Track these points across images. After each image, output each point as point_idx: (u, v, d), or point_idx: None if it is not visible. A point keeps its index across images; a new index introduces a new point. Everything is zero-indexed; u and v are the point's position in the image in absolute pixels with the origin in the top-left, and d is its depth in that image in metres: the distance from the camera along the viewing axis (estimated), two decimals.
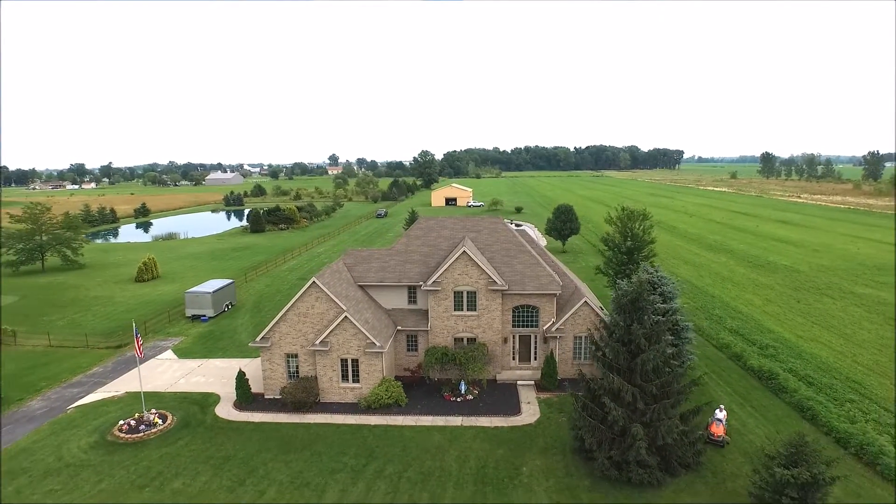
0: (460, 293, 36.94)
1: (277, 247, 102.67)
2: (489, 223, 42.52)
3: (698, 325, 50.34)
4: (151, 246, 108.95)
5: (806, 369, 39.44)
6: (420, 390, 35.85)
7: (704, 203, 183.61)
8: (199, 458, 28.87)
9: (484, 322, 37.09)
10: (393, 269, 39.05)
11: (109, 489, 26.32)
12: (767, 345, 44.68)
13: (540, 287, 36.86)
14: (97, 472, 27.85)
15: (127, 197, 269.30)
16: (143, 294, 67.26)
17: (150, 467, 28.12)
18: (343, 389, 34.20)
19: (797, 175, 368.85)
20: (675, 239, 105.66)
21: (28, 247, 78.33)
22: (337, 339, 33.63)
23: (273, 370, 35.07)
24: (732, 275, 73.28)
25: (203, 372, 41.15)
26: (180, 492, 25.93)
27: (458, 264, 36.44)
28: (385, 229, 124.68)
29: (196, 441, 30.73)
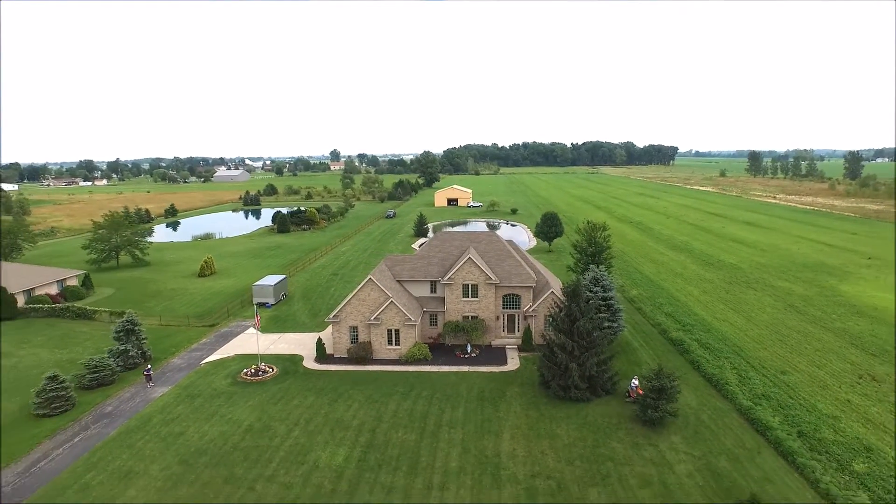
0: (467, 285, 53.74)
1: (304, 246, 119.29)
2: (486, 236, 59.26)
3: (643, 309, 67.39)
4: (194, 245, 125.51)
5: (708, 339, 56.39)
6: (440, 351, 52.80)
7: (685, 204, 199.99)
8: (303, 389, 45.77)
9: (483, 305, 53.93)
10: (419, 269, 55.89)
11: (255, 404, 43.18)
12: (688, 323, 61.63)
13: (521, 281, 53.70)
14: (243, 396, 44.76)
15: (146, 195, 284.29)
16: (209, 287, 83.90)
17: (274, 394, 45.01)
18: (388, 349, 51.08)
19: (783, 173, 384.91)
20: (648, 239, 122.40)
21: (107, 247, 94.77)
22: (385, 315, 50.45)
23: (340, 337, 51.91)
24: (685, 271, 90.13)
25: (283, 342, 57.94)
26: (299, 405, 42.79)
27: (466, 266, 53.20)
28: (396, 230, 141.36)
29: (297, 381, 47.62)
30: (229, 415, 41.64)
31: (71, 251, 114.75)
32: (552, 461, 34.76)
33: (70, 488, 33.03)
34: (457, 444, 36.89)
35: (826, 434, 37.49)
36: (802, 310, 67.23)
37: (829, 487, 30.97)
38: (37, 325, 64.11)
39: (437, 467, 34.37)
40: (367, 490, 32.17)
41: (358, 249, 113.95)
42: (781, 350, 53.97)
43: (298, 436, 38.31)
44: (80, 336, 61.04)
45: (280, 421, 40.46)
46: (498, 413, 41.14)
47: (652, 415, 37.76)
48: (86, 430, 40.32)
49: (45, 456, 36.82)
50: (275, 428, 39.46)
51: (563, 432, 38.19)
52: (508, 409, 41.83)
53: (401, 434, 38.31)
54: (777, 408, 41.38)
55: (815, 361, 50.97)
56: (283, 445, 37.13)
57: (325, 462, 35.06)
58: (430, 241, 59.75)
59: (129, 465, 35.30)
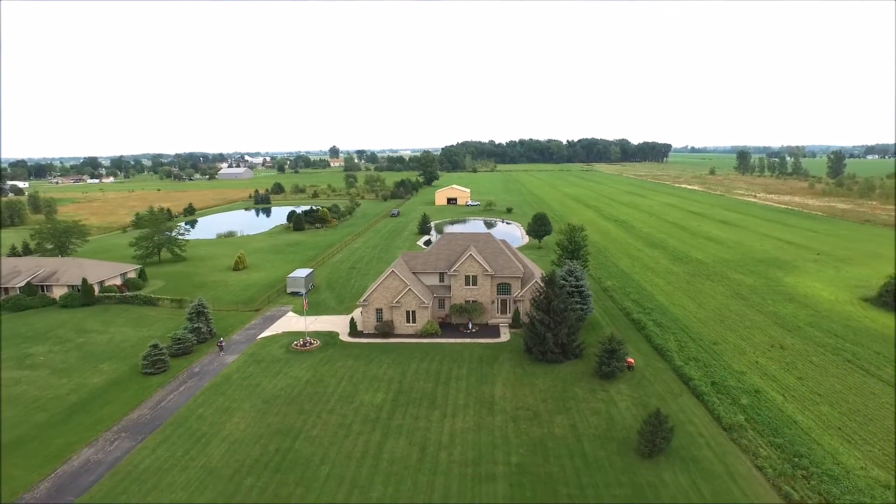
0: (468, 276, 67.38)
1: (320, 243, 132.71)
2: (484, 236, 72.95)
3: (614, 296, 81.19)
4: (220, 242, 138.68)
5: (661, 320, 70.21)
6: (447, 328, 66.52)
7: (670, 202, 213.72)
8: (343, 355, 59.43)
9: (481, 292, 67.60)
10: (430, 263, 69.55)
11: (308, 366, 56.79)
12: (648, 307, 75.46)
13: (511, 273, 67.40)
14: (297, 360, 58.38)
15: (158, 194, 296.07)
16: (244, 279, 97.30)
17: (321, 359, 58.66)
18: (407, 326, 64.76)
19: (769, 172, 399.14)
20: (629, 237, 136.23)
21: (151, 245, 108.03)
22: (404, 300, 64.10)
23: (368, 317, 65.56)
24: (656, 265, 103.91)
25: (319, 322, 71.46)
26: (342, 366, 56.43)
27: (468, 261, 66.82)
28: (401, 228, 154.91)
29: (337, 350, 61.29)
30: (290, 373, 55.33)
31: (110, 248, 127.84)
32: (531, 400, 48.57)
33: (189, 417, 46.67)
34: (462, 390, 50.69)
35: (731, 383, 51.41)
36: (746, 297, 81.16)
37: (718, 412, 44.93)
38: (114, 310, 77.59)
39: (448, 404, 48.14)
40: (401, 417, 45.92)
41: (369, 246, 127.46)
42: (719, 328, 67.88)
43: (345, 386, 52.04)
44: (151, 318, 74.55)
45: (330, 376, 54.18)
46: (492, 370, 54.94)
47: (605, 369, 51.58)
48: (184, 383, 53.92)
49: (164, 399, 50.47)
50: (327, 381, 53.19)
51: (539, 382, 52.02)
52: (500, 367, 55.63)
53: (421, 384, 52.08)
54: (701, 366, 55.26)
55: (742, 336, 64.90)
56: (336, 392, 50.84)
57: (368, 401, 48.80)
58: (438, 240, 73.41)
59: (227, 404, 48.96)
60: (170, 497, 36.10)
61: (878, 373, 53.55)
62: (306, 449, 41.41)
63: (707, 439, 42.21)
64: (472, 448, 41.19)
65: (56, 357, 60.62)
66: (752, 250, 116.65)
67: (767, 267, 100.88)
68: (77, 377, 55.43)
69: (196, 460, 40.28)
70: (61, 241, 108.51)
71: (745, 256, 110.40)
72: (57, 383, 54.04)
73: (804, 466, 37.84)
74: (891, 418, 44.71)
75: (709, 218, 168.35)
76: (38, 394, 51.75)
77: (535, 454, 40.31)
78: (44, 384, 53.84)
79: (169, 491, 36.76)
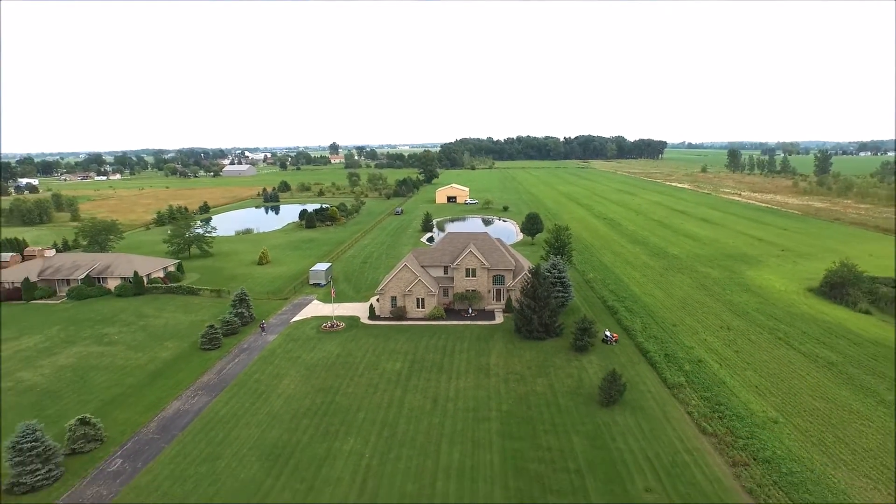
0: (468, 269, 79.77)
1: (332, 240, 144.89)
2: (482, 236, 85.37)
3: (594, 287, 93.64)
4: (240, 239, 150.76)
5: (633, 306, 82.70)
6: (451, 312, 79.00)
7: (658, 201, 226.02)
8: (365, 335, 71.88)
9: (479, 282, 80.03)
10: (436, 258, 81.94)
11: (337, 343, 69.22)
12: (623, 296, 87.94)
13: (504, 267, 79.84)
14: (327, 339, 70.80)
15: (167, 191, 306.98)
16: (269, 272, 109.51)
17: (347, 338, 71.11)
18: (417, 311, 77.21)
19: (759, 170, 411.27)
20: (615, 234, 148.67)
21: (183, 241, 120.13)
22: (415, 289, 76.52)
23: (384, 303, 77.98)
24: (635, 260, 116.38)
25: (341, 309, 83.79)
26: (365, 342, 68.83)
27: (468, 256, 79.19)
28: (405, 225, 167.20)
29: (360, 330, 73.73)
30: (323, 348, 67.78)
31: (138, 244, 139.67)
32: (518, 367, 61.12)
33: (248, 381, 59.09)
34: (464, 360, 63.20)
35: (680, 354, 63.98)
36: (708, 287, 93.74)
37: (665, 375, 57.58)
38: (162, 299, 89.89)
39: (453, 370, 60.65)
40: (416, 380, 58.39)
41: (377, 243, 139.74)
42: (680, 313, 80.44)
43: (370, 357, 64.52)
44: (196, 305, 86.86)
45: (356, 350, 66.65)
46: (488, 345, 67.48)
47: (579, 343, 64.12)
48: (237, 357, 66.28)
49: (223, 368, 62.87)
50: (354, 354, 65.66)
51: (526, 354, 64.56)
52: (494, 343, 68.16)
53: (431, 356, 64.58)
54: (659, 342, 67.78)
55: (698, 319, 77.49)
56: (363, 362, 63.32)
57: (389, 368, 61.30)
58: (442, 238, 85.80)
59: (276, 371, 61.41)
60: (246, 433, 48.51)
61: (800, 347, 66.19)
62: (345, 401, 53.92)
63: (653, 395, 54.80)
64: (472, 400, 53.74)
65: (127, 336, 73.01)
66: (725, 247, 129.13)
67: (734, 262, 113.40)
68: (149, 351, 67.82)
69: (261, 409, 52.75)
70: (101, 238, 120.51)
71: (716, 252, 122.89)
72: (134, 356, 66.43)
73: (721, 411, 50.49)
74: (797, 379, 57.37)
75: (691, 216, 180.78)
76: (122, 364, 64.13)
77: (519, 404, 52.86)
78: (124, 357, 66.22)
79: (246, 428, 49.21)
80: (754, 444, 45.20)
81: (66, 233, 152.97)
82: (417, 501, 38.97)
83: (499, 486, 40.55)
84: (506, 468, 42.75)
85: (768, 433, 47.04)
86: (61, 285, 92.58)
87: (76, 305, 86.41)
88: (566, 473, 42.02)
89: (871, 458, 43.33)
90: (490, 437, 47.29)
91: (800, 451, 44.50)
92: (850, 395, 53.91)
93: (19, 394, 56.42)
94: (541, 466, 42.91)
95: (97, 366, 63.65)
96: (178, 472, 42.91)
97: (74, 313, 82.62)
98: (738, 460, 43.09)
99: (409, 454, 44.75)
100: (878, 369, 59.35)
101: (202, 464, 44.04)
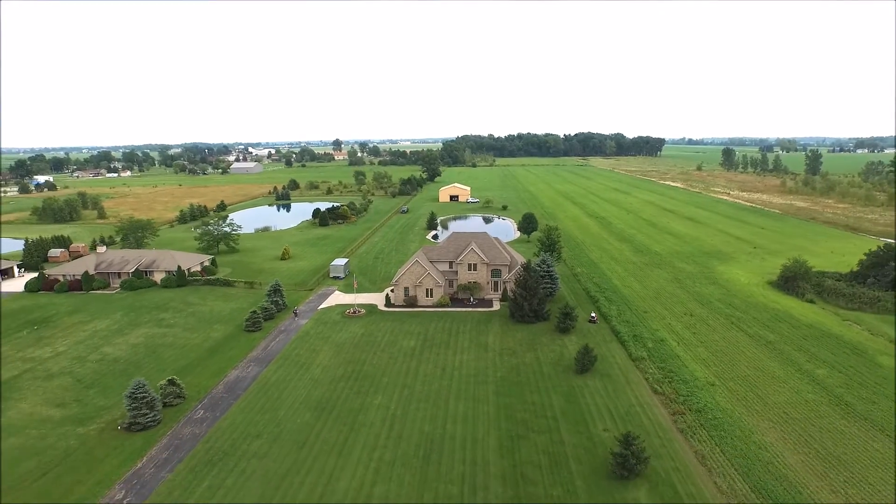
0: (470, 264, 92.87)
1: (345, 237, 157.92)
2: (482, 235, 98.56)
3: (580, 280, 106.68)
4: (259, 236, 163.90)
5: (612, 296, 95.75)
6: (455, 301, 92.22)
7: (649, 200, 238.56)
8: (383, 319, 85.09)
9: (479, 275, 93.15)
10: (443, 254, 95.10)
11: (360, 325, 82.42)
12: (604, 288, 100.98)
13: (501, 262, 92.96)
14: (351, 322, 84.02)
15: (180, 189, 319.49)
16: (292, 267, 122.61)
17: (369, 321, 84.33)
18: (426, 299, 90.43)
19: (752, 168, 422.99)
20: (604, 232, 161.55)
21: (212, 239, 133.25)
22: (424, 281, 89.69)
23: (398, 293, 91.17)
24: (620, 256, 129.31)
25: (360, 298, 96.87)
26: (384, 325, 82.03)
27: (470, 253, 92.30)
28: (412, 223, 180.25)
29: (378, 316, 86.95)
30: (349, 330, 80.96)
31: (168, 241, 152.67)
32: (511, 344, 74.28)
33: (290, 355, 72.29)
34: (466, 339, 76.38)
35: (646, 335, 77.09)
36: (681, 280, 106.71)
37: (631, 351, 70.83)
38: (203, 290, 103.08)
39: (457, 346, 73.85)
40: (428, 354, 71.57)
41: (386, 240, 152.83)
42: (653, 302, 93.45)
43: (389, 337, 77.72)
44: (233, 295, 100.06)
45: (377, 332, 79.83)
46: (486, 328, 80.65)
47: (562, 326, 77.24)
48: (276, 337, 79.43)
49: (267, 346, 76.08)
50: (375, 334, 78.86)
51: (517, 334, 77.71)
52: (492, 326, 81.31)
53: (439, 335, 77.78)
54: (630, 325, 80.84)
55: (667, 307, 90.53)
56: (383, 340, 76.52)
57: (405, 345, 74.51)
58: (448, 237, 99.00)
59: (312, 347, 74.63)
60: (295, 392, 61.67)
61: (748, 330, 79.27)
62: (371, 370, 67.17)
63: (620, 365, 67.94)
64: (473, 369, 66.97)
65: (180, 320, 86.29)
66: (704, 244, 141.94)
67: (709, 258, 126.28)
68: (202, 332, 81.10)
69: (305, 376, 66.00)
70: (137, 235, 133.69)
71: (695, 249, 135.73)
72: (191, 336, 79.72)
73: (671, 377, 63.69)
74: (738, 354, 70.55)
75: (678, 215, 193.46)
76: (182, 342, 77.42)
77: (511, 372, 66.06)
78: (182, 337, 79.51)
79: (294, 390, 62.39)
80: (692, 400, 58.38)
81: (97, 230, 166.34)
82: (432, 437, 52.20)
83: (493, 428, 53.79)
84: (499, 416, 56.00)
85: (705, 393, 60.22)
86: (114, 278, 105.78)
87: (130, 295, 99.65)
88: (545, 419, 55.25)
89: (777, 409, 56.52)
90: (487, 395, 60.53)
91: (726, 404, 57.69)
92: (776, 366, 67.05)
93: (109, 363, 69.84)
94: (526, 415, 56.14)
95: (162, 343, 76.96)
96: (249, 419, 56.20)
97: (131, 301, 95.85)
98: (677, 411, 56.31)
99: (424, 406, 58.02)
100: (804, 346, 72.47)
101: (265, 413, 57.32)
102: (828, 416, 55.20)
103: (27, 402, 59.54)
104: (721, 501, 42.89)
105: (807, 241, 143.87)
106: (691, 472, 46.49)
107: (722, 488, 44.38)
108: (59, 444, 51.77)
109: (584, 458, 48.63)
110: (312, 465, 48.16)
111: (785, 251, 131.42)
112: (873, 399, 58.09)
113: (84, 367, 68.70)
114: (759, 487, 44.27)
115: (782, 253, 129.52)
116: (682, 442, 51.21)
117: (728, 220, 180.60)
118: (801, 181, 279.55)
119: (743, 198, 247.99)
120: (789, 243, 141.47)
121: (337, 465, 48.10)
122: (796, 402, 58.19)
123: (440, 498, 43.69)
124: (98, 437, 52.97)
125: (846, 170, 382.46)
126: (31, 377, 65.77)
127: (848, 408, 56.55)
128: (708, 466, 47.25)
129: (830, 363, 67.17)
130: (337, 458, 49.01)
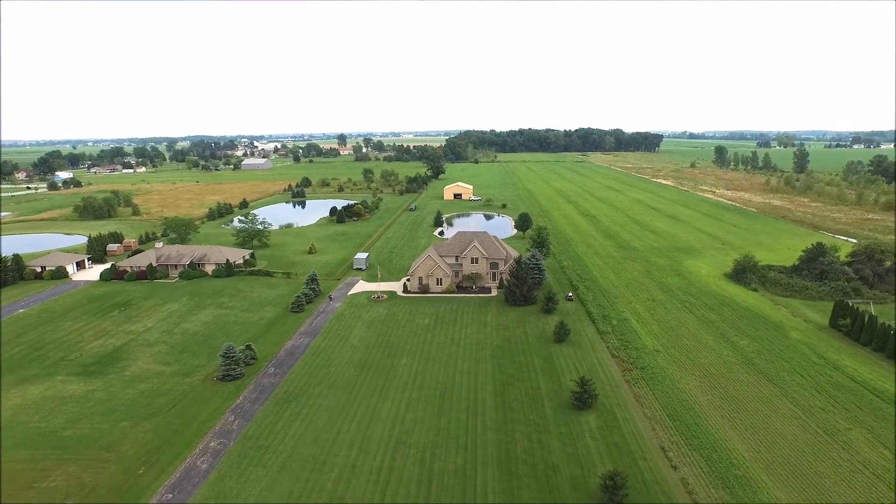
0: (473, 258, 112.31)
1: (361, 233, 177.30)
2: (482, 234, 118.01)
3: (566, 272, 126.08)
4: (285, 232, 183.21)
5: (590, 285, 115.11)
6: (461, 288, 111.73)
7: (639, 198, 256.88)
8: (402, 302, 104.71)
9: (480, 267, 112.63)
10: (450, 250, 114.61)
11: (384, 307, 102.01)
12: (585, 278, 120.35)
13: (499, 256, 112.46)
14: (377, 305, 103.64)
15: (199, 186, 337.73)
16: (319, 260, 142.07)
17: (391, 304, 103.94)
18: (437, 287, 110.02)
19: (743, 166, 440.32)
20: (593, 229, 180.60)
21: (247, 235, 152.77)
22: (435, 272, 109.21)
23: (413, 282, 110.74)
24: (603, 251, 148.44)
25: (382, 286, 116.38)
26: (403, 307, 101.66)
27: (472, 249, 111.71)
28: (420, 220, 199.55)
29: (398, 300, 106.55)
30: (375, 310, 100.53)
31: (205, 237, 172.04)
32: (505, 322, 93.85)
33: (332, 330, 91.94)
34: (469, 318, 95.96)
35: (612, 315, 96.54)
36: (651, 272, 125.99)
37: (599, 326, 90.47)
38: (248, 280, 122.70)
39: (463, 323, 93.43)
40: (440, 329, 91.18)
41: (398, 236, 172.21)
42: (624, 290, 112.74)
43: (408, 316, 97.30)
44: (275, 283, 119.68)
45: (398, 312, 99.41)
46: (486, 309, 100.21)
47: (545, 307, 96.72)
48: (317, 317, 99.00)
49: (311, 323, 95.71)
50: (397, 314, 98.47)
51: (511, 314, 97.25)
52: (490, 308, 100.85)
53: (448, 315, 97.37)
54: (600, 308, 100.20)
55: (635, 294, 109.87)
56: (403, 319, 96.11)
57: (421, 323, 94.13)
58: (454, 235, 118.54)
59: (348, 324, 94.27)
60: (340, 356, 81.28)
61: (696, 312, 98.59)
62: (397, 340, 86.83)
63: (588, 337, 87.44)
64: (475, 339, 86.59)
65: (237, 304, 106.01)
66: (678, 241, 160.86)
67: (680, 253, 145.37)
68: (257, 313, 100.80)
69: (345, 345, 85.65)
70: (182, 231, 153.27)
71: (669, 245, 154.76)
72: (248, 316, 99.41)
73: (626, 346, 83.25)
74: (683, 329, 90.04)
75: (663, 213, 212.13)
76: (243, 320, 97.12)
77: (504, 342, 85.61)
78: (241, 317, 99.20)
79: (339, 354, 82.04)
80: (639, 362, 77.95)
81: (136, 226, 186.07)
82: (445, 384, 71.89)
83: (489, 379, 73.45)
84: (494, 371, 75.66)
85: (650, 357, 79.78)
86: (171, 269, 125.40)
87: (189, 283, 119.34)
88: (528, 373, 74.88)
89: (702, 367, 76.11)
90: (486, 357, 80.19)
91: (664, 364, 77.25)
92: (711, 338, 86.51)
93: (190, 335, 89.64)
94: (514, 370, 75.77)
95: (227, 321, 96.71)
96: (309, 373, 75.92)
97: (191, 289, 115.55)
98: (626, 368, 75.89)
99: (438, 365, 77.71)
100: (737, 324, 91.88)
101: (321, 370, 77.05)
102: (737, 371, 74.76)
103: (142, 362, 79.42)
104: (646, 424, 62.51)
105: (769, 238, 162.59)
106: (629, 406, 66.15)
107: (647, 415, 64.04)
108: (176, 388, 71.65)
109: (554, 398, 68.32)
110: (361, 401, 67.93)
111: (748, 247, 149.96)
112: (773, 360, 77.67)
113: (173, 338, 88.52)
114: (674, 415, 63.87)
115: (744, 249, 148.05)
116: (627, 389, 70.81)
117: (706, 218, 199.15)
118: (784, 180, 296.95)
119: (726, 196, 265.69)
120: (753, 240, 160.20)
121: (378, 401, 67.86)
122: (717, 363, 77.71)
123: (452, 421, 63.42)
124: (202, 385, 72.81)
125: (835, 167, 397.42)
126: (136, 345, 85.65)
127: (753, 367, 76.10)
128: (641, 402, 66.92)
129: (752, 336, 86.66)
130: (378, 398, 68.75)
